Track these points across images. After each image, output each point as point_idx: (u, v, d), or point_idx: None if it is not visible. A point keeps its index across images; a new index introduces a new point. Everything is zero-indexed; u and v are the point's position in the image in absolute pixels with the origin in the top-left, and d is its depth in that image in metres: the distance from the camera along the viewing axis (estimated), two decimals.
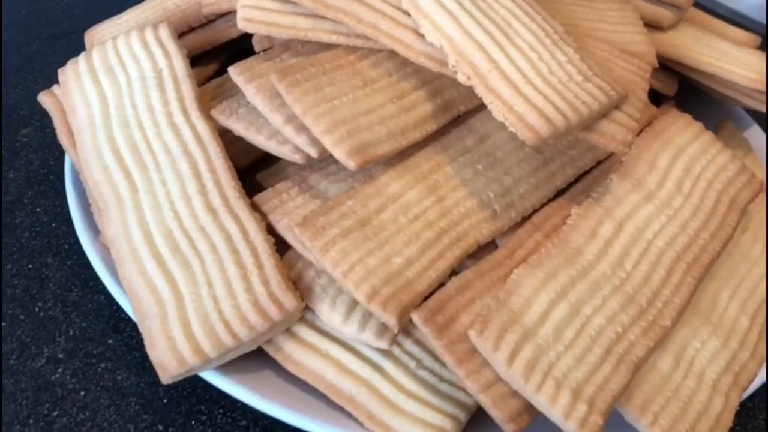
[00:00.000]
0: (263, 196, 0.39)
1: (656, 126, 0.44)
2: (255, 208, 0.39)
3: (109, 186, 0.39)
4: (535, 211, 0.40)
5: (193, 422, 0.39)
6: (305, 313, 0.37)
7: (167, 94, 0.42)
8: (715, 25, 0.57)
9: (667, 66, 0.50)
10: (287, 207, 0.39)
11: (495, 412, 0.33)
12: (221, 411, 0.39)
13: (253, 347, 0.36)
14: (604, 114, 0.37)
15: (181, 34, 0.50)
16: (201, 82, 0.47)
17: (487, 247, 0.38)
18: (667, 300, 0.37)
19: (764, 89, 0.47)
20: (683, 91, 0.52)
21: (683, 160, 0.42)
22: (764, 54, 0.53)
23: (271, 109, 0.38)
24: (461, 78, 0.36)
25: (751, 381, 0.38)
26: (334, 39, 0.40)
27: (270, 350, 0.37)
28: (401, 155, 0.39)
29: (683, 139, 0.43)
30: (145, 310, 0.35)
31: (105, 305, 0.44)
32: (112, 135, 0.41)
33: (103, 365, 0.41)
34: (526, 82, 0.36)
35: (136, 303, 0.35)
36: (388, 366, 0.36)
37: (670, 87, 0.51)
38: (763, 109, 0.49)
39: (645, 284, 0.37)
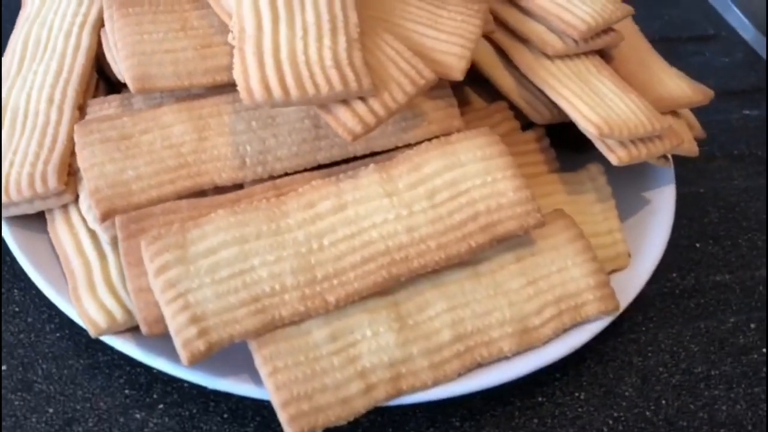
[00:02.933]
0: (95, 100, 0.48)
1: (453, 137, 0.45)
2: (81, 109, 0.48)
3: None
4: (287, 175, 0.44)
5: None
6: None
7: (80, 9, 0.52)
8: (653, 69, 0.55)
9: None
10: (104, 114, 0.47)
11: (138, 312, 0.39)
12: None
13: None
14: (345, 101, 0.41)
15: None
16: None
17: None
18: (345, 281, 0.40)
19: (599, 136, 0.46)
20: None
21: (453, 174, 0.44)
22: (664, 114, 0.51)
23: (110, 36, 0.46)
24: (230, 37, 0.42)
25: (410, 390, 0.40)
26: None
27: (48, 219, 0.46)
28: (195, 97, 0.45)
29: (469, 156, 0.44)
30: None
31: None
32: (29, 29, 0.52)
33: None
34: (272, 54, 0.40)
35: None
36: (111, 258, 0.43)
37: (538, 114, 0.51)
38: (614, 162, 0.47)
39: (332, 261, 0.40)
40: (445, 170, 0.44)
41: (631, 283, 0.48)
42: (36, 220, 0.46)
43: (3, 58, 0.51)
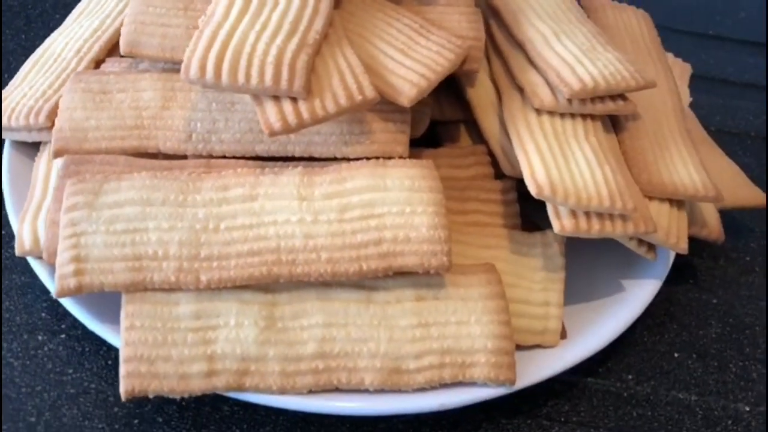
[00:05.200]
0: (112, 58, 0.53)
1: (390, 161, 0.44)
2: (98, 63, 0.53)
3: None
4: (224, 158, 0.46)
5: None
6: None
7: None
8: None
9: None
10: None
11: (45, 242, 0.43)
12: None
13: None
14: (276, 97, 0.42)
15: None
16: None
17: None
18: (224, 266, 0.41)
19: (536, 195, 0.43)
20: None
21: (373, 195, 0.43)
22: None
23: None
24: (200, 20, 0.45)
25: (252, 388, 0.40)
26: None
27: (40, 150, 0.51)
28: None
29: (396, 183, 0.43)
30: None
31: None
32: None
33: None
34: (223, 40, 0.42)
35: None
36: None
37: (509, 166, 0.48)
38: (555, 229, 0.44)
39: (220, 245, 0.41)
40: (367, 190, 0.43)
41: (547, 364, 0.44)
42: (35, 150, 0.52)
43: (75, 8, 0.59)
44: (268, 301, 0.42)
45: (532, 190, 0.43)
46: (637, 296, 0.49)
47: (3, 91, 0.53)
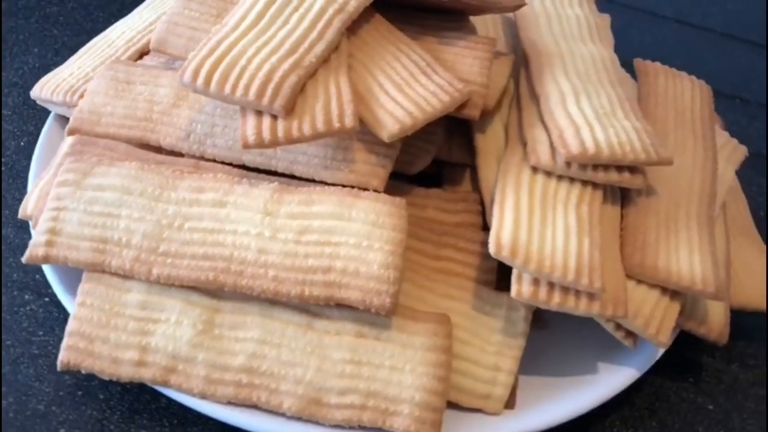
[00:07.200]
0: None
1: (363, 193, 0.44)
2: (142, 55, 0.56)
3: None
4: (214, 162, 0.47)
5: None
6: None
7: None
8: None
9: None
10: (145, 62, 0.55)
11: (36, 208, 0.47)
12: None
13: None
14: (259, 112, 0.43)
15: None
16: None
17: None
18: (176, 264, 0.42)
19: (493, 254, 0.41)
20: None
21: (335, 223, 0.42)
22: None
23: None
24: (214, 28, 0.47)
25: (175, 387, 0.41)
26: None
27: None
28: None
29: (361, 215, 0.42)
30: None
31: None
32: None
33: None
34: (224, 49, 0.44)
35: None
36: None
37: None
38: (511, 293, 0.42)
39: (179, 243, 0.43)
40: (331, 217, 0.43)
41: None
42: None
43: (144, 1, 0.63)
44: (212, 306, 0.43)
45: (491, 248, 0.41)
46: (606, 383, 0.45)
47: (60, 67, 0.58)
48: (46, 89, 0.55)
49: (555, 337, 0.48)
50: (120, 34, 0.58)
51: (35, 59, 0.68)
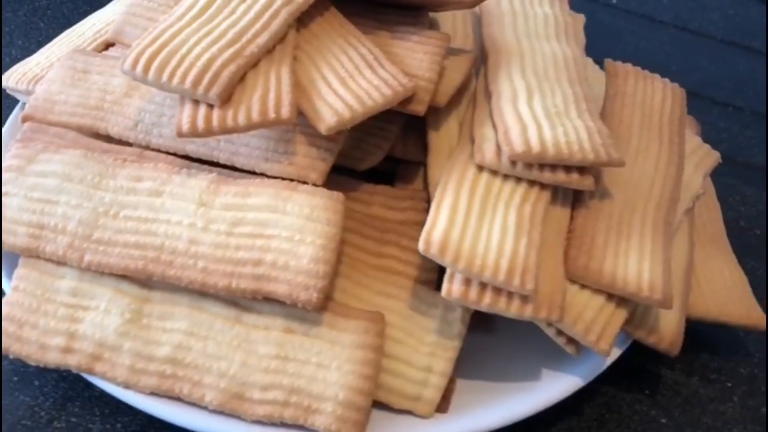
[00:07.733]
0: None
1: (301, 186, 0.43)
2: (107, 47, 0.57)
3: None
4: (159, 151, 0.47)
5: None
6: None
7: None
8: None
9: None
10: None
11: None
12: None
13: None
14: (196, 101, 0.42)
15: None
16: None
17: None
18: (108, 252, 0.42)
19: (422, 251, 0.39)
20: None
21: (268, 216, 0.42)
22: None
23: None
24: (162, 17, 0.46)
25: (100, 375, 0.41)
26: None
27: None
28: None
29: (296, 209, 0.42)
30: None
31: None
32: None
33: None
34: (166, 38, 0.44)
35: None
36: None
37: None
38: (442, 292, 0.40)
39: (113, 231, 0.43)
40: (266, 209, 0.42)
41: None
42: None
43: None
44: (142, 296, 0.43)
45: (420, 245, 0.40)
46: (546, 390, 0.44)
47: (30, 57, 0.58)
48: (12, 78, 0.56)
49: (503, 342, 0.47)
50: (90, 26, 0.59)
51: (18, 51, 0.69)
